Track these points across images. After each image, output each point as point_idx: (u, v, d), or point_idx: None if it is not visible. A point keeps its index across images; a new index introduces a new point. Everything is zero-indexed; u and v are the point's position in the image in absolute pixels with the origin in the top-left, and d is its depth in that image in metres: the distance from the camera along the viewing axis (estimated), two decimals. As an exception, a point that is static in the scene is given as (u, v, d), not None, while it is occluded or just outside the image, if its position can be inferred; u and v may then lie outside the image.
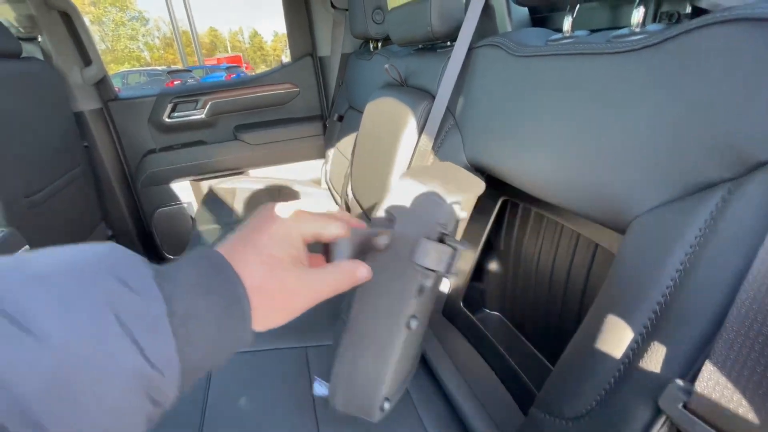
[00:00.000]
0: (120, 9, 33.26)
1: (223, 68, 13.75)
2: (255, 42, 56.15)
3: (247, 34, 57.03)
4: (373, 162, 1.01)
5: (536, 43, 0.58)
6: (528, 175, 0.55)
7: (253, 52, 55.88)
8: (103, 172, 1.54)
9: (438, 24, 0.80)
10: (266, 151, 1.75)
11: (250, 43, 56.30)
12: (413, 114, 0.84)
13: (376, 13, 1.28)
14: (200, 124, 1.68)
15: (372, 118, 1.07)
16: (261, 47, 56.72)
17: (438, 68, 0.81)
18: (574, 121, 0.47)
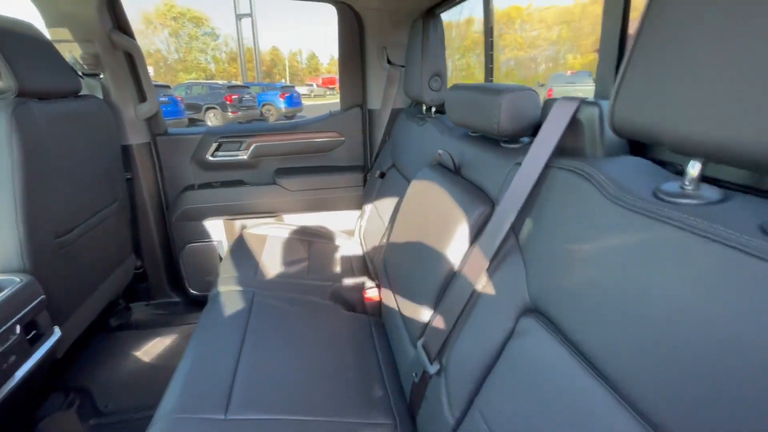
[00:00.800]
0: (196, 25, 36.38)
1: (278, 87, 14.47)
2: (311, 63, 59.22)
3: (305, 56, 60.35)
4: (412, 252, 0.90)
5: (640, 189, 0.45)
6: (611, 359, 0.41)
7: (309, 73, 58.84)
8: (141, 204, 1.54)
9: (508, 122, 0.69)
10: (303, 197, 1.69)
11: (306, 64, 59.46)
12: (466, 219, 0.72)
13: (433, 80, 1.20)
14: (241, 164, 1.66)
15: (418, 200, 0.97)
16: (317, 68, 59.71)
17: (502, 172, 0.70)
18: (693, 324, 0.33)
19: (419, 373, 0.74)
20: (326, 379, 0.85)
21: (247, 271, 1.27)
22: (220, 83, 12.18)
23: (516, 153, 0.71)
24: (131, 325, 1.57)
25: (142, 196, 1.53)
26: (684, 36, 0.35)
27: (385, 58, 1.52)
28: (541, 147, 0.59)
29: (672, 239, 0.38)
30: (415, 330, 0.80)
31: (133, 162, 1.47)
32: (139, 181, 1.51)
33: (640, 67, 0.40)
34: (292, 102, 13.71)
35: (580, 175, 0.52)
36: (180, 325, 1.58)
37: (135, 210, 1.53)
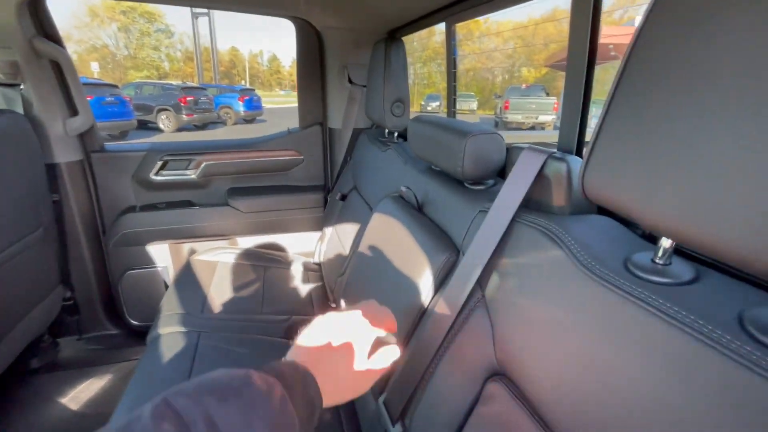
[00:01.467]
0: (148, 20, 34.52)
1: (237, 89, 13.97)
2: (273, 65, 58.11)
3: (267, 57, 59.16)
4: (374, 293, 0.85)
5: (611, 259, 0.43)
6: None
7: (270, 75, 57.65)
8: (71, 229, 1.37)
9: (472, 166, 0.66)
10: (258, 219, 1.59)
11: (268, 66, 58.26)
12: (430, 266, 0.68)
13: (395, 106, 1.16)
14: (190, 184, 1.54)
15: (380, 236, 0.92)
16: (278, 71, 58.62)
17: (467, 217, 0.67)
18: None
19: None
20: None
21: (193, 307, 1.15)
22: (174, 84, 11.58)
23: (481, 197, 0.69)
24: (58, 365, 1.39)
25: (73, 220, 1.36)
26: (657, 111, 0.33)
27: (346, 77, 1.47)
28: (507, 198, 0.56)
29: (641, 321, 0.36)
30: (377, 383, 0.74)
31: (62, 182, 1.31)
32: (68, 204, 1.34)
33: (610, 138, 0.38)
34: (252, 105, 13.29)
35: (548, 236, 0.49)
36: (118, 362, 1.42)
37: (64, 235, 1.36)
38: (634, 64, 0.34)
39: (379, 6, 1.06)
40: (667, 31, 0.31)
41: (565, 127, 0.62)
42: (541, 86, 13.24)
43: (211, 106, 11.65)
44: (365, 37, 1.41)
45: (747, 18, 0.26)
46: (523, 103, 11.53)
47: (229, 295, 1.24)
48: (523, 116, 11.44)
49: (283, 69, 59.21)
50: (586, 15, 0.56)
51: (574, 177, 0.50)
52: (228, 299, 1.22)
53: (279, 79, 58.06)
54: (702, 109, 0.29)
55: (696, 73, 0.29)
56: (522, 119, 11.46)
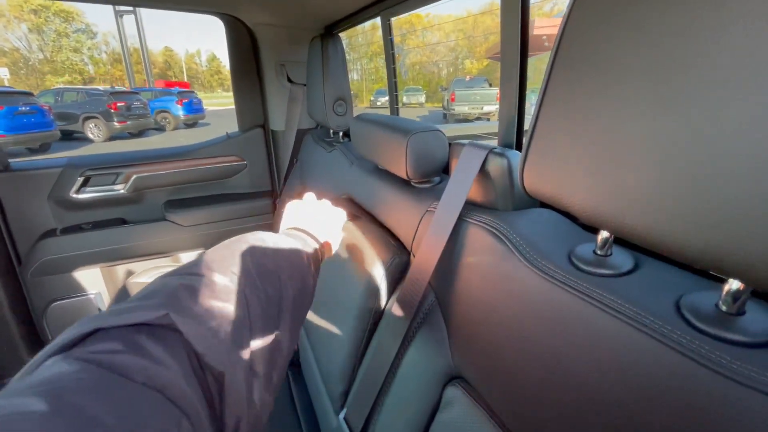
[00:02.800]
0: (64, 20, 31.38)
1: (175, 92, 13.12)
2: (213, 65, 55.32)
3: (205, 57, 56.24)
4: (328, 302, 0.81)
5: (555, 253, 0.43)
6: None
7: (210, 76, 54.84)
8: (-24, 262, 1.19)
9: (415, 165, 0.64)
10: (202, 232, 1.48)
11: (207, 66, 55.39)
12: (384, 270, 0.66)
13: (338, 104, 1.12)
14: (120, 200, 1.40)
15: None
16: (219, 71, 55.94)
17: (414, 218, 0.65)
18: None
19: None
20: None
21: None
22: (100, 89, 10.62)
23: (427, 195, 0.67)
24: None
25: None
26: (587, 102, 0.32)
27: (284, 76, 1.40)
28: (452, 197, 0.55)
29: (586, 315, 0.36)
30: (336, 397, 0.71)
31: None
32: None
33: (545, 133, 0.37)
34: (192, 108, 12.55)
35: (494, 234, 0.48)
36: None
37: None
38: (562, 57, 0.34)
39: (313, 1, 1.01)
40: (592, 18, 0.30)
41: (503, 121, 0.62)
42: (483, 78, 13.70)
43: (147, 111, 10.83)
44: (301, 33, 1.35)
45: (666, 6, 0.26)
46: (469, 95, 11.87)
47: None
48: (470, 107, 11.79)
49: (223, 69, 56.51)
50: (515, 9, 0.56)
51: (514, 172, 0.50)
52: None
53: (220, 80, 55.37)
54: (626, 100, 0.29)
55: (622, 63, 0.29)
56: (468, 110, 11.80)
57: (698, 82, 0.25)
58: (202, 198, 1.51)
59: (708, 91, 0.24)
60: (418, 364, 0.56)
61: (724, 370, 0.26)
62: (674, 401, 0.28)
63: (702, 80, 0.25)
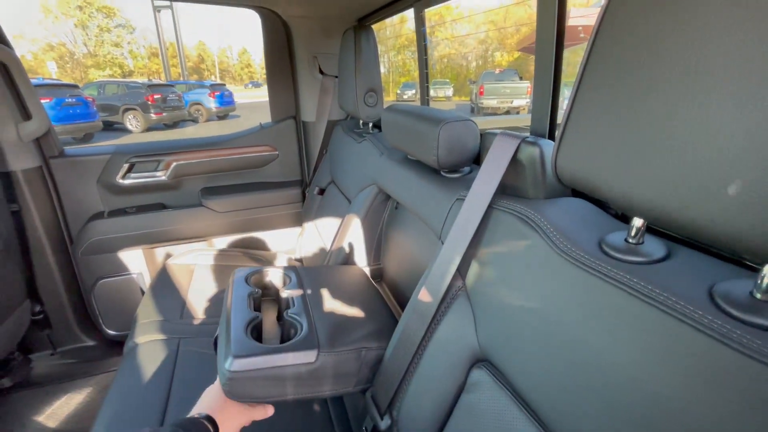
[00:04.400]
0: (107, 15, 32.83)
1: (207, 85, 13.52)
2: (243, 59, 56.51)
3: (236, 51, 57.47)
4: None
5: (587, 241, 0.43)
6: None
7: (241, 69, 56.07)
8: (35, 240, 1.30)
9: (446, 154, 0.65)
10: (235, 218, 1.55)
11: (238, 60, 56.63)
12: None
13: (369, 96, 1.14)
14: (160, 186, 1.48)
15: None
16: (249, 64, 57.06)
17: (444, 206, 0.66)
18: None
19: (369, 427, 0.68)
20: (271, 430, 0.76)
21: (171, 313, 1.12)
22: (139, 82, 11.07)
23: (457, 185, 0.68)
24: (32, 382, 1.33)
25: (36, 231, 1.29)
26: (623, 90, 0.32)
27: (317, 68, 1.43)
28: (483, 185, 0.56)
29: (617, 301, 0.37)
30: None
31: (20, 191, 1.24)
32: (30, 214, 1.27)
33: (580, 120, 0.37)
34: (224, 101, 12.90)
35: (525, 222, 0.49)
36: (95, 375, 1.38)
37: (27, 247, 1.29)
38: (600, 46, 0.34)
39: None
40: (631, 9, 0.31)
41: (536, 111, 0.62)
42: (514, 71, 13.34)
43: (181, 104, 11.23)
44: (334, 25, 1.38)
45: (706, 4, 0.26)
46: (498, 88, 11.58)
47: (209, 298, 1.21)
48: (498, 101, 11.51)
49: (253, 63, 57.66)
50: (553, 8, 0.56)
51: (546, 161, 0.50)
52: (207, 302, 1.19)
53: (250, 73, 56.56)
54: (666, 89, 0.29)
55: (661, 53, 0.29)
56: (497, 104, 11.53)
57: (730, 76, 0.25)
58: (236, 186, 1.58)
59: (738, 86, 0.25)
60: (445, 346, 0.58)
61: (756, 354, 0.27)
62: (707, 385, 0.29)
63: (734, 75, 0.25)
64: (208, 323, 1.10)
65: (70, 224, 1.40)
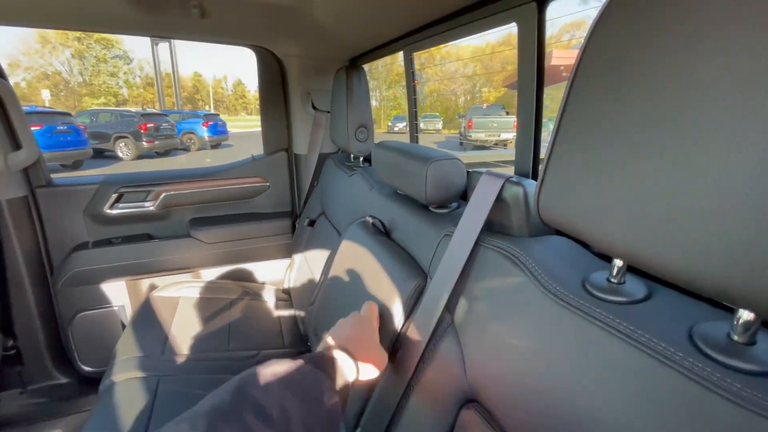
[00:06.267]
0: (104, 47, 33.57)
1: (201, 115, 13.71)
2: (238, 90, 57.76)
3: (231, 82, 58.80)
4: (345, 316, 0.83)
5: (570, 279, 0.44)
6: None
7: (235, 100, 57.20)
8: (13, 272, 1.26)
9: (434, 191, 0.67)
10: (224, 249, 1.53)
11: (233, 91, 57.85)
12: (400, 294, 0.68)
13: (359, 131, 1.17)
14: (148, 216, 1.47)
15: (348, 262, 0.91)
16: (243, 95, 58.30)
17: (432, 241, 0.67)
18: None
19: None
20: None
21: (153, 348, 1.08)
22: (132, 110, 11.18)
23: (445, 220, 0.69)
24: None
25: (15, 261, 1.26)
26: (601, 132, 0.34)
27: (309, 104, 1.48)
28: (469, 222, 0.57)
29: (601, 341, 0.37)
30: (351, 417, 0.71)
31: (3, 221, 1.21)
32: (10, 244, 1.24)
33: (560, 161, 0.39)
34: (217, 130, 13.05)
35: (510, 260, 0.50)
36: (68, 415, 1.30)
37: (4, 279, 1.25)
38: (578, 87, 0.35)
39: (339, 36, 1.08)
40: (610, 51, 0.32)
41: (519, 150, 0.64)
42: (500, 105, 13.87)
43: (174, 132, 11.33)
44: (327, 64, 1.43)
45: (684, 41, 0.27)
46: (486, 122, 11.99)
47: (193, 333, 1.18)
48: (486, 134, 11.89)
49: (248, 93, 58.94)
50: (531, 41, 0.59)
51: (530, 200, 0.52)
52: (191, 337, 1.16)
53: (244, 104, 57.66)
54: (643, 130, 0.30)
55: (637, 94, 0.30)
56: (485, 137, 11.90)
57: (706, 125, 0.26)
58: (225, 216, 1.57)
59: (716, 133, 0.26)
60: (433, 386, 0.57)
61: (734, 397, 0.27)
62: (688, 426, 0.29)
63: (709, 123, 0.26)
64: (191, 359, 1.06)
65: (52, 255, 1.37)
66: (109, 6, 0.91)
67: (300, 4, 0.88)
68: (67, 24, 1.11)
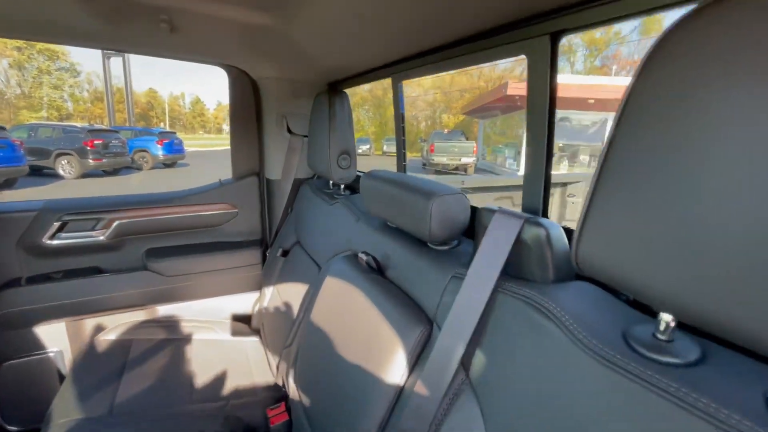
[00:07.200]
0: (49, 58, 31.48)
1: (156, 132, 13.05)
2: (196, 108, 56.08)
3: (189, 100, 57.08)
4: (336, 372, 0.74)
5: (609, 333, 0.40)
6: None
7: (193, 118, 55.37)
8: None
9: (439, 228, 0.62)
10: (185, 283, 1.39)
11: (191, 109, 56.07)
12: (402, 343, 0.61)
13: (342, 158, 1.12)
14: (97, 247, 1.30)
15: (335, 301, 0.83)
16: (202, 113, 56.63)
17: (437, 284, 0.62)
18: None
19: None
20: None
21: (97, 405, 0.92)
22: (78, 126, 10.41)
23: (449, 260, 0.64)
24: None
25: None
26: (650, 176, 0.31)
27: (285, 127, 1.40)
28: (484, 265, 0.52)
29: (651, 406, 0.33)
30: None
31: None
32: None
33: (603, 207, 0.35)
34: (172, 149, 12.42)
35: (537, 309, 0.45)
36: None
37: None
38: (627, 124, 0.32)
39: (320, 59, 1.03)
40: (665, 87, 0.29)
41: (529, 185, 0.62)
42: (460, 131, 14.47)
43: (125, 150, 10.63)
44: (305, 87, 1.38)
45: (738, 88, 0.25)
46: (447, 147, 12.40)
47: (149, 384, 1.02)
48: (448, 158, 12.27)
49: (207, 111, 57.32)
50: (543, 75, 0.57)
51: (553, 243, 0.48)
52: (147, 389, 1.00)
53: (203, 122, 55.98)
54: (703, 174, 0.27)
55: (700, 135, 0.27)
56: (447, 161, 12.27)
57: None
58: (187, 246, 1.43)
59: None
60: None
61: None
62: None
63: None
64: (145, 418, 0.91)
65: None
66: (66, 16, 0.81)
67: (278, 24, 0.82)
68: (18, 33, 0.98)
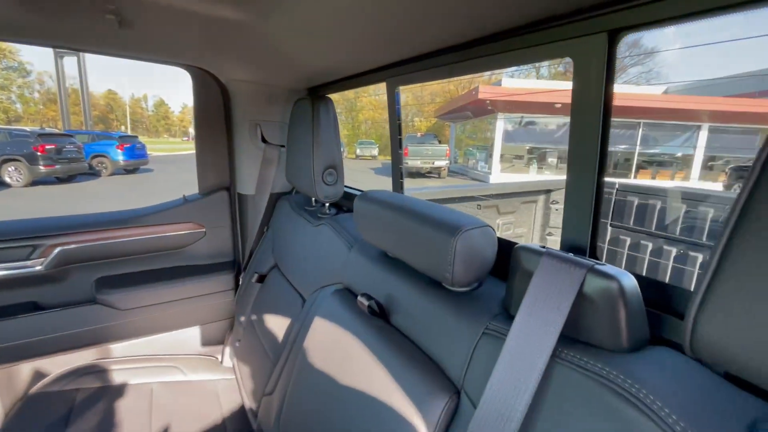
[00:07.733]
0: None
1: (116, 136, 12.30)
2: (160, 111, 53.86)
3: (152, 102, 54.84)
4: (335, 425, 0.61)
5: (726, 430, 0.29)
6: None
7: (157, 121, 53.10)
8: None
9: (462, 271, 0.50)
10: (143, 316, 1.20)
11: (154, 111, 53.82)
12: (420, 415, 0.48)
13: (328, 173, 0.98)
14: (34, 280, 1.09)
15: (329, 349, 0.69)
16: (166, 116, 54.48)
17: (463, 341, 0.49)
18: None
19: None
20: None
21: None
22: (27, 130, 9.63)
23: (473, 306, 0.52)
24: None
25: None
26: None
27: (258, 136, 1.25)
28: (532, 326, 0.40)
29: None
30: None
31: None
32: None
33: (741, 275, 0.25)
34: (134, 154, 11.74)
35: (616, 393, 0.34)
36: None
37: None
38: None
39: (300, 60, 0.90)
40: None
41: (571, 218, 0.51)
42: (433, 135, 14.54)
43: (81, 155, 9.92)
44: (283, 92, 1.23)
45: None
46: (421, 150, 12.41)
47: None
48: (422, 161, 12.29)
49: (172, 114, 55.13)
50: (596, 82, 0.46)
51: (628, 298, 0.37)
52: None
53: (167, 126, 53.77)
54: None
55: None
56: (421, 164, 12.29)
57: None
58: (145, 273, 1.24)
59: None
60: None
61: None
62: None
63: None
64: None
65: None
66: (1, 9, 0.64)
67: (250, 19, 0.68)
68: None
